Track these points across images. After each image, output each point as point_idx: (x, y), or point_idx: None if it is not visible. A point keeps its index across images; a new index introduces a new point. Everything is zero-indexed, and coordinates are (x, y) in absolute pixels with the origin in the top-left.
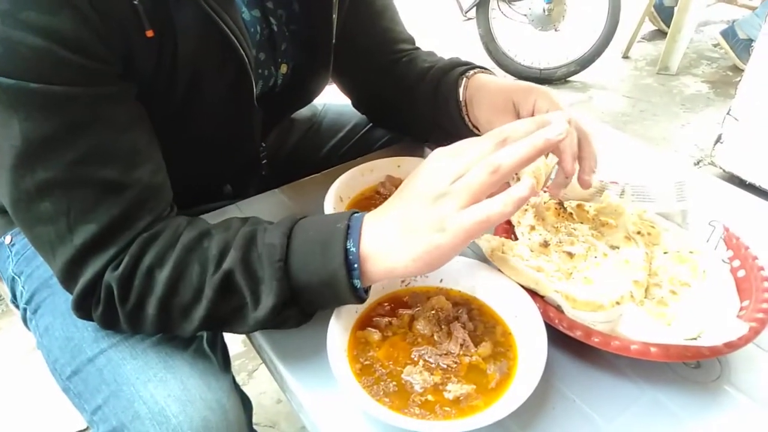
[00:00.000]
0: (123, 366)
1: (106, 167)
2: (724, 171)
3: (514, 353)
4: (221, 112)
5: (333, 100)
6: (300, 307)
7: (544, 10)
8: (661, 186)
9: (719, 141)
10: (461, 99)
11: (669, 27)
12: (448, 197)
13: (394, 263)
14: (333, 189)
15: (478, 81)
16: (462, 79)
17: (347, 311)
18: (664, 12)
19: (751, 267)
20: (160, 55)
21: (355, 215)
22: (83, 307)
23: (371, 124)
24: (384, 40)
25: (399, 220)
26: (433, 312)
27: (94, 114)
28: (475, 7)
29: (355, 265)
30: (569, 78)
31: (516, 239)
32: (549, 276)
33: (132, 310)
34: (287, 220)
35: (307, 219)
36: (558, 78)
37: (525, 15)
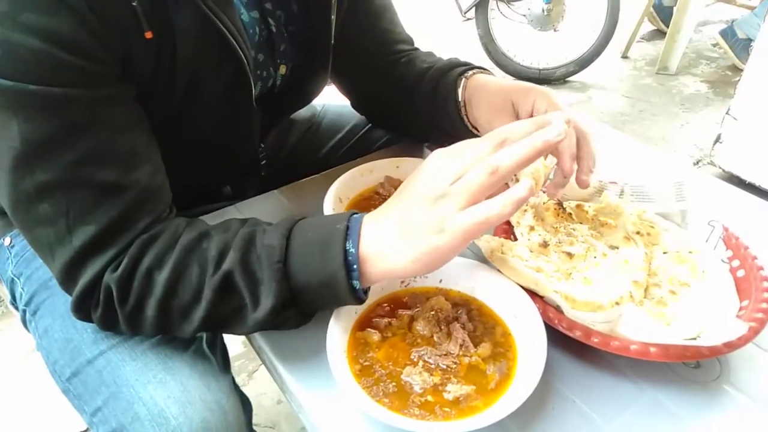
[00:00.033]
0: (122, 367)
1: (105, 169)
2: (723, 171)
3: (513, 354)
4: (220, 113)
5: (332, 100)
6: (299, 308)
7: (543, 10)
8: (661, 186)
9: (718, 141)
10: (460, 99)
11: (668, 27)
12: (447, 198)
13: (393, 264)
14: (332, 190)
15: (476, 81)
16: (461, 80)
17: (347, 312)
18: (663, 12)
19: (751, 267)
20: (158, 57)
21: (354, 216)
22: (82, 309)
23: (370, 124)
24: (383, 40)
25: (398, 221)
26: (433, 313)
27: (93, 115)
28: (474, 8)
29: (355, 266)
30: (568, 78)
31: (515, 240)
32: (548, 276)
33: (131, 311)
34: (286, 221)
35: (306, 220)
36: (557, 78)
37: (524, 15)
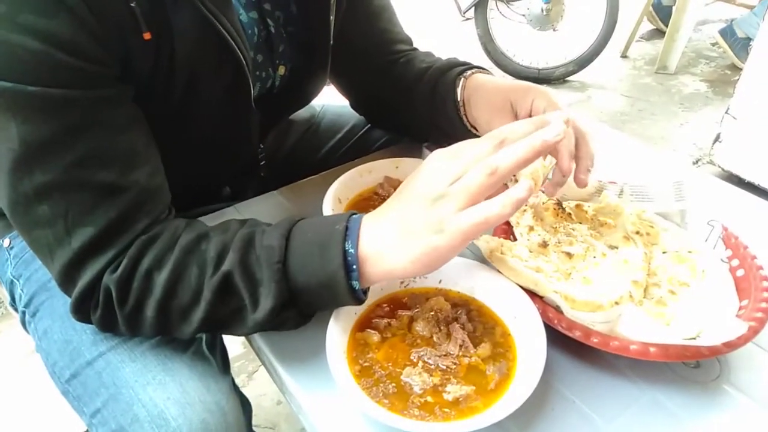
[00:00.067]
0: (122, 369)
1: (103, 170)
2: (722, 170)
3: (513, 354)
4: (219, 113)
5: (331, 101)
6: (299, 309)
7: (542, 10)
8: (660, 185)
9: (718, 140)
10: (459, 99)
11: (667, 26)
12: (446, 199)
13: (392, 264)
14: (331, 190)
15: (475, 81)
16: (460, 79)
17: (346, 313)
18: (662, 11)
19: (750, 266)
20: (157, 57)
21: (354, 217)
22: (82, 310)
23: (369, 125)
24: (381, 41)
25: (397, 221)
26: (432, 313)
27: (91, 117)
28: (474, 8)
29: (354, 267)
30: (568, 78)
31: (515, 240)
32: (548, 276)
33: (130, 312)
34: (285, 221)
35: (306, 221)
36: (556, 78)
37: (523, 15)
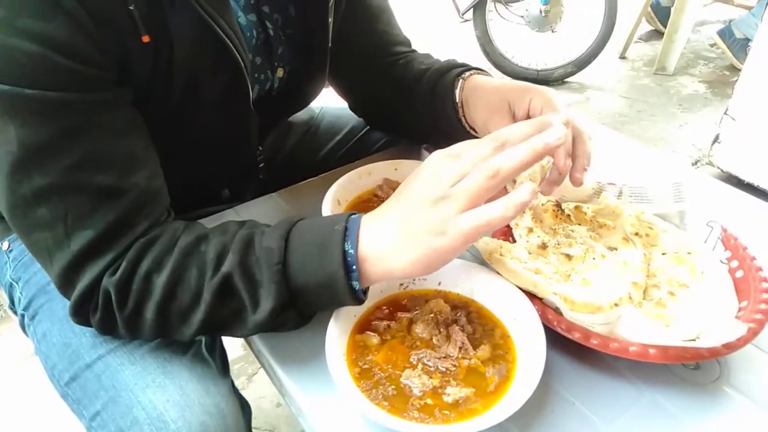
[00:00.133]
0: (121, 372)
1: (102, 173)
2: (722, 171)
3: (512, 356)
4: (218, 116)
5: (330, 103)
6: (299, 310)
7: (540, 11)
8: (659, 187)
9: (717, 141)
10: (458, 100)
11: (666, 27)
12: (447, 201)
13: (393, 265)
14: (330, 192)
15: (474, 82)
16: (458, 81)
17: (346, 315)
18: (660, 12)
19: (750, 267)
20: (155, 60)
21: (353, 217)
22: (81, 313)
23: (368, 127)
24: (380, 42)
25: (398, 222)
26: (432, 315)
27: (89, 120)
28: (472, 9)
29: (354, 267)
30: (566, 79)
31: (514, 241)
32: (547, 278)
33: (130, 315)
34: (284, 222)
35: (305, 221)
36: (555, 79)
37: (522, 16)
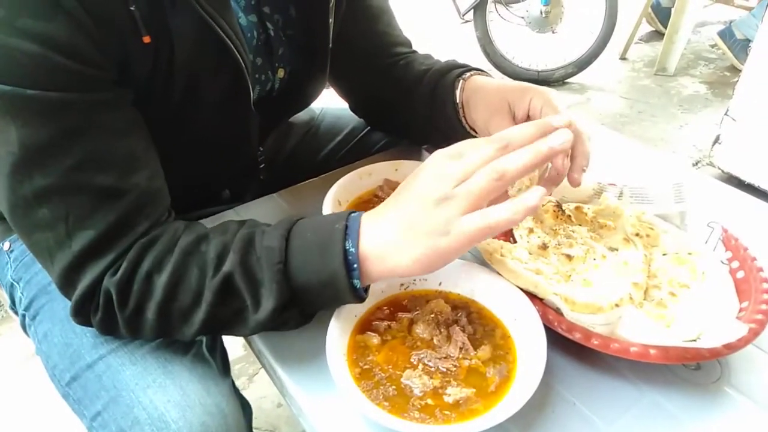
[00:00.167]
0: (122, 372)
1: (103, 173)
2: (722, 171)
3: (513, 356)
4: (218, 116)
5: (330, 103)
6: (300, 309)
7: (541, 12)
8: (660, 187)
9: (717, 141)
10: (458, 101)
11: (666, 28)
12: (450, 201)
13: (395, 264)
14: (331, 193)
15: (474, 83)
16: (459, 81)
17: (346, 315)
18: (661, 13)
19: (750, 268)
20: (156, 61)
21: (353, 215)
22: (82, 313)
23: (369, 127)
24: (381, 43)
25: (400, 221)
26: (433, 315)
27: (90, 120)
28: (473, 10)
29: (355, 266)
30: (567, 80)
31: (514, 242)
32: (548, 278)
33: (131, 315)
34: (285, 222)
35: (305, 220)
36: (556, 80)
37: (522, 17)
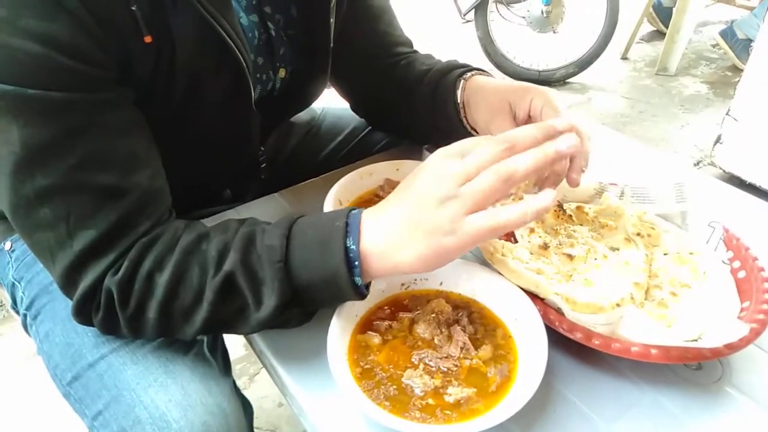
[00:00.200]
0: (123, 371)
1: (104, 173)
2: (723, 171)
3: (514, 356)
4: (219, 116)
5: (331, 103)
6: (302, 307)
7: (542, 12)
8: (661, 187)
9: (719, 141)
10: (459, 101)
11: (667, 28)
12: (455, 200)
13: (398, 261)
14: (332, 192)
15: (475, 83)
16: (460, 81)
17: (347, 315)
18: (662, 13)
19: (752, 268)
20: (157, 60)
21: (353, 212)
22: (83, 313)
23: (370, 127)
24: (382, 43)
25: (403, 219)
26: (433, 315)
27: (92, 120)
28: (474, 10)
29: (356, 263)
30: (568, 80)
31: (515, 242)
32: (549, 278)
33: (132, 314)
34: (285, 220)
35: (305, 219)
36: (557, 80)
37: (523, 17)
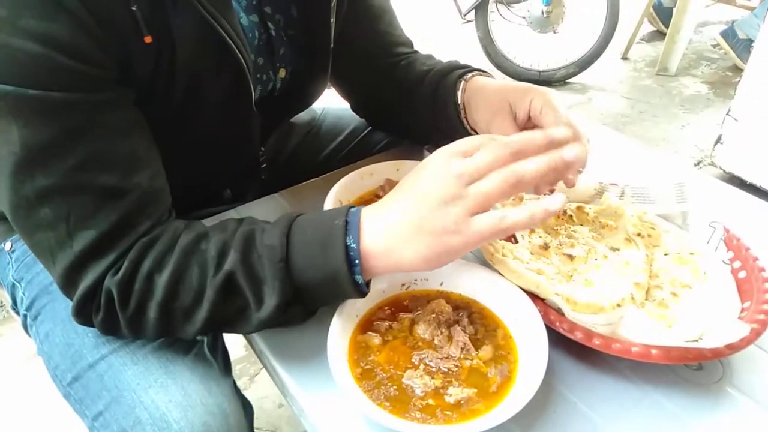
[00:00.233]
0: (124, 372)
1: (105, 173)
2: (724, 171)
3: (514, 356)
4: (220, 116)
5: (332, 103)
6: (303, 305)
7: (542, 12)
8: (661, 187)
9: (719, 141)
10: (459, 102)
11: (668, 28)
12: (462, 200)
13: (400, 260)
14: (332, 193)
15: (476, 84)
16: (460, 82)
17: (347, 315)
18: (662, 13)
19: (752, 268)
20: (157, 61)
21: (352, 210)
22: (83, 313)
23: (370, 127)
24: (382, 43)
25: (406, 218)
26: (434, 315)
27: (92, 120)
28: (474, 10)
29: (356, 261)
30: (568, 80)
31: (516, 242)
32: (549, 278)
33: (133, 314)
34: (284, 219)
35: (304, 217)
36: (557, 80)
37: (524, 17)
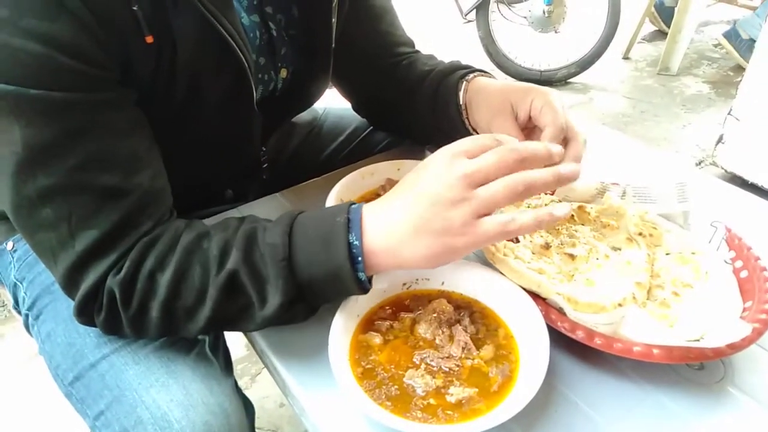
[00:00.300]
0: (125, 371)
1: (106, 173)
2: (725, 171)
3: (516, 356)
4: (221, 116)
5: (333, 103)
6: (306, 303)
7: (544, 11)
8: (663, 187)
9: (721, 141)
10: (461, 102)
11: (669, 27)
12: (469, 203)
13: (404, 259)
14: (334, 192)
15: (477, 84)
16: (462, 83)
17: (349, 315)
18: (664, 12)
19: (754, 267)
20: (158, 61)
21: (353, 207)
22: (85, 313)
23: (372, 127)
24: (384, 43)
25: (411, 217)
26: (435, 315)
27: (93, 120)
28: (475, 10)
29: (359, 258)
30: (570, 79)
31: (517, 241)
32: (550, 278)
33: (135, 314)
34: (285, 217)
35: (305, 215)
36: (558, 79)
37: (525, 17)
